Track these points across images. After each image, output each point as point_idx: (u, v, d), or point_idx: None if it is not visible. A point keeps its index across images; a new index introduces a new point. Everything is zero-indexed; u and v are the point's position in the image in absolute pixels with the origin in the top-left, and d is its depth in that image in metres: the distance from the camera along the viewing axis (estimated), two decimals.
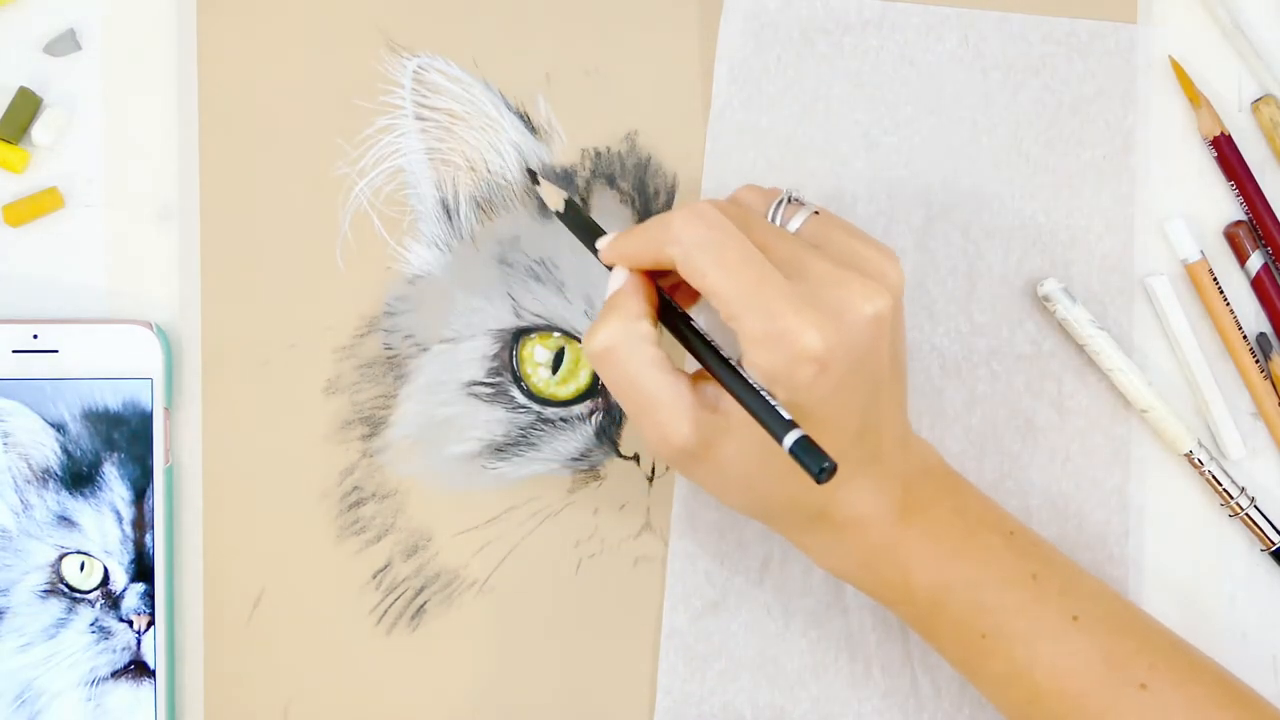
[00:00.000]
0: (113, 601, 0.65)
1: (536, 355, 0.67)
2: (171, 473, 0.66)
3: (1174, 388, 0.69)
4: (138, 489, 0.65)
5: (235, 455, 0.67)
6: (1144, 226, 0.69)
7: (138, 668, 0.66)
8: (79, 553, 0.65)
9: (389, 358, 0.67)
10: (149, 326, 0.66)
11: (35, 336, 0.65)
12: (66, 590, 0.65)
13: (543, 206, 0.67)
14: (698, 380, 0.59)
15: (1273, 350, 0.69)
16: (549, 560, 0.68)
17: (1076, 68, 0.69)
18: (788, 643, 0.68)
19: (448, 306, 0.67)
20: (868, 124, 0.68)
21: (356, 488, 0.67)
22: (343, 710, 0.67)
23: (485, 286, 0.67)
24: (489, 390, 0.67)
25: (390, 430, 0.67)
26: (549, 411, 0.67)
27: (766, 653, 0.68)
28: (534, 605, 0.68)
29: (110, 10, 0.67)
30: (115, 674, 0.66)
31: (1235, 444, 0.69)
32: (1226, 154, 0.69)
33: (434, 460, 0.67)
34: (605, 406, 0.68)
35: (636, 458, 0.68)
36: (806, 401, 0.56)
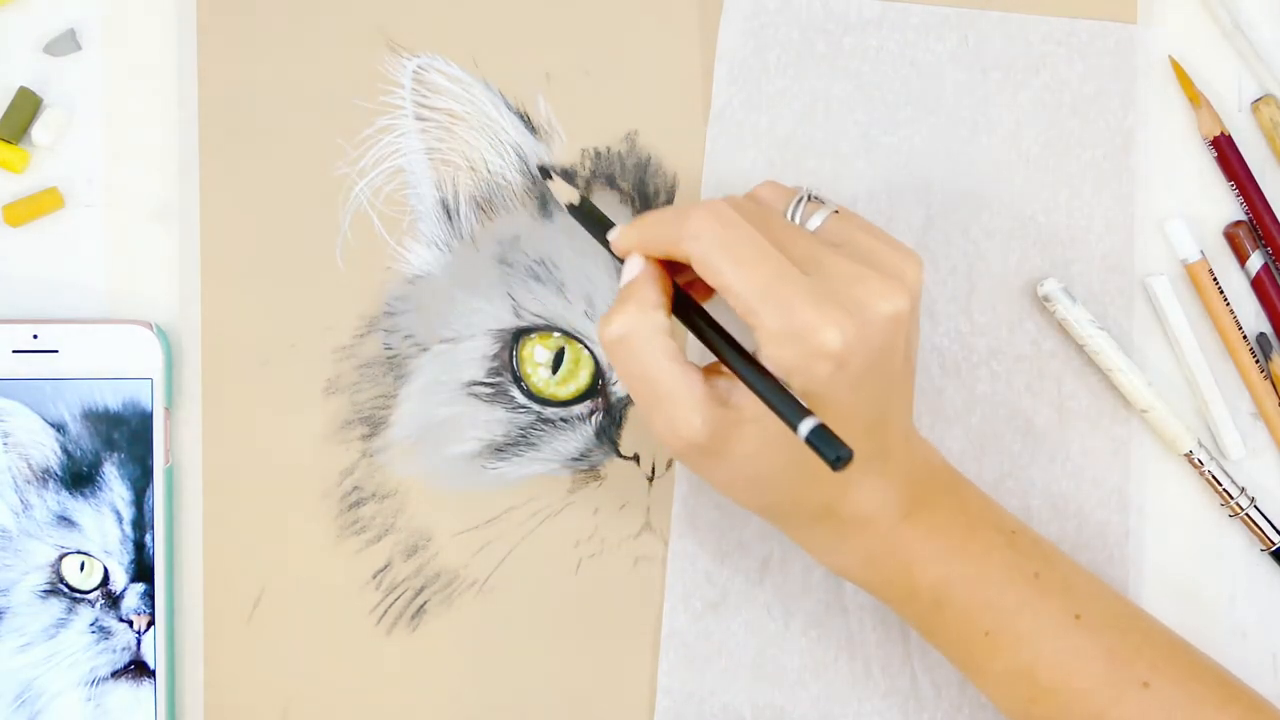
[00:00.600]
0: (113, 601, 0.65)
1: (536, 355, 0.67)
2: (171, 473, 0.66)
3: (1174, 388, 0.69)
4: (138, 489, 0.65)
5: (235, 455, 0.67)
6: (1144, 226, 0.69)
7: (138, 668, 0.66)
8: (79, 553, 0.65)
9: (389, 358, 0.67)
10: (149, 326, 0.65)
11: (35, 336, 0.65)
12: (66, 590, 0.65)
13: (543, 206, 0.67)
14: (709, 374, 0.59)
15: (1273, 350, 0.69)
16: (549, 560, 0.68)
17: (1076, 68, 0.69)
18: (788, 643, 0.68)
19: (448, 306, 0.67)
20: (868, 124, 0.68)
21: (356, 488, 0.67)
22: (343, 710, 0.67)
23: (485, 286, 0.67)
24: (489, 390, 0.67)
25: (390, 430, 0.67)
26: (549, 411, 0.67)
27: (766, 653, 0.68)
28: (534, 605, 0.68)
29: (110, 10, 0.67)
30: (115, 674, 0.65)
31: (1235, 444, 0.69)
32: (1226, 154, 0.69)
33: (434, 460, 0.67)
34: (605, 406, 0.68)
35: (636, 458, 0.68)
36: (821, 398, 0.56)
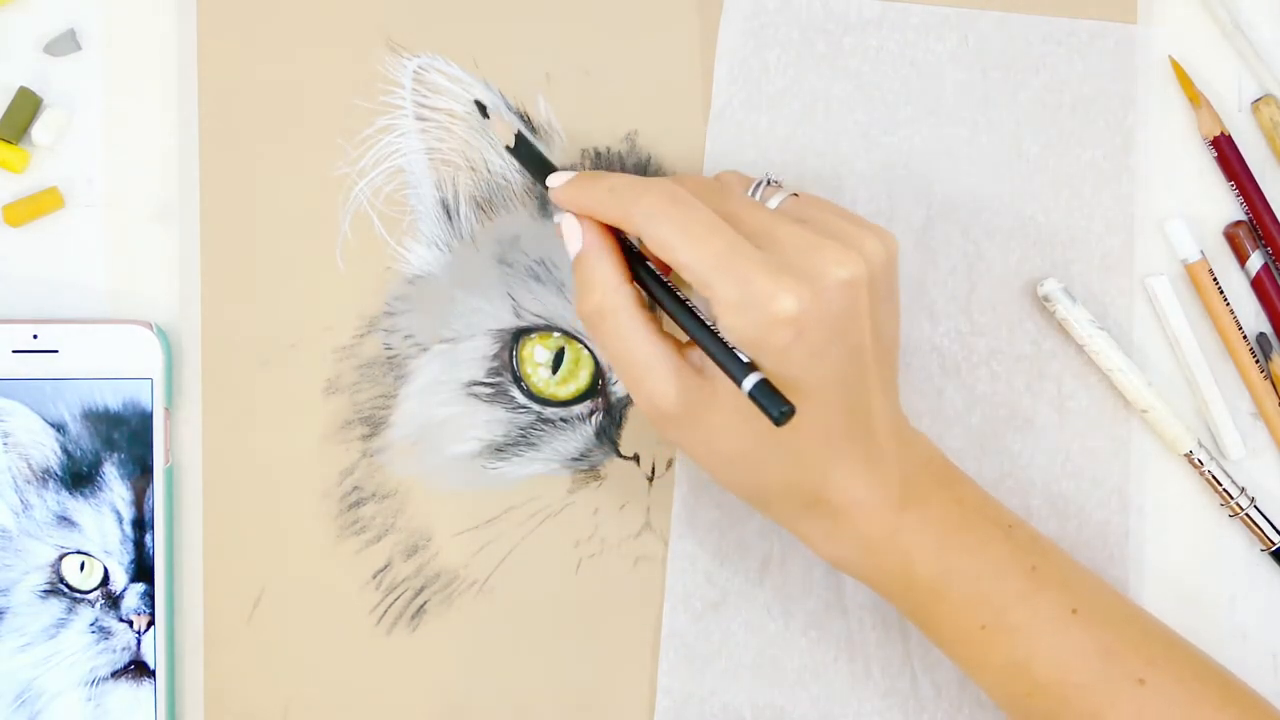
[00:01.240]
0: (113, 601, 0.65)
1: (536, 355, 0.67)
2: (171, 473, 0.66)
3: (1174, 388, 0.69)
4: (138, 489, 0.65)
5: (235, 455, 0.67)
6: (1144, 226, 0.69)
7: (138, 668, 0.66)
8: (79, 553, 0.65)
9: (389, 358, 0.67)
10: (149, 326, 0.65)
11: (35, 336, 0.65)
12: (66, 590, 0.65)
13: (543, 206, 0.67)
14: (687, 347, 0.60)
15: (1273, 350, 0.69)
16: (549, 560, 0.68)
17: (1076, 68, 0.69)
18: (788, 643, 0.68)
19: (448, 306, 0.67)
20: (868, 124, 0.68)
21: (356, 488, 0.67)
22: (343, 710, 0.67)
23: (485, 286, 0.67)
24: (489, 390, 0.67)
25: (390, 430, 0.67)
26: (549, 411, 0.67)
27: (766, 653, 0.68)
28: (534, 605, 0.68)
29: (110, 10, 0.67)
30: (115, 674, 0.65)
31: (1235, 444, 0.69)
32: (1226, 154, 0.69)
33: (434, 460, 0.67)
34: (605, 406, 0.68)
35: (636, 458, 0.68)
36: (785, 369, 0.57)
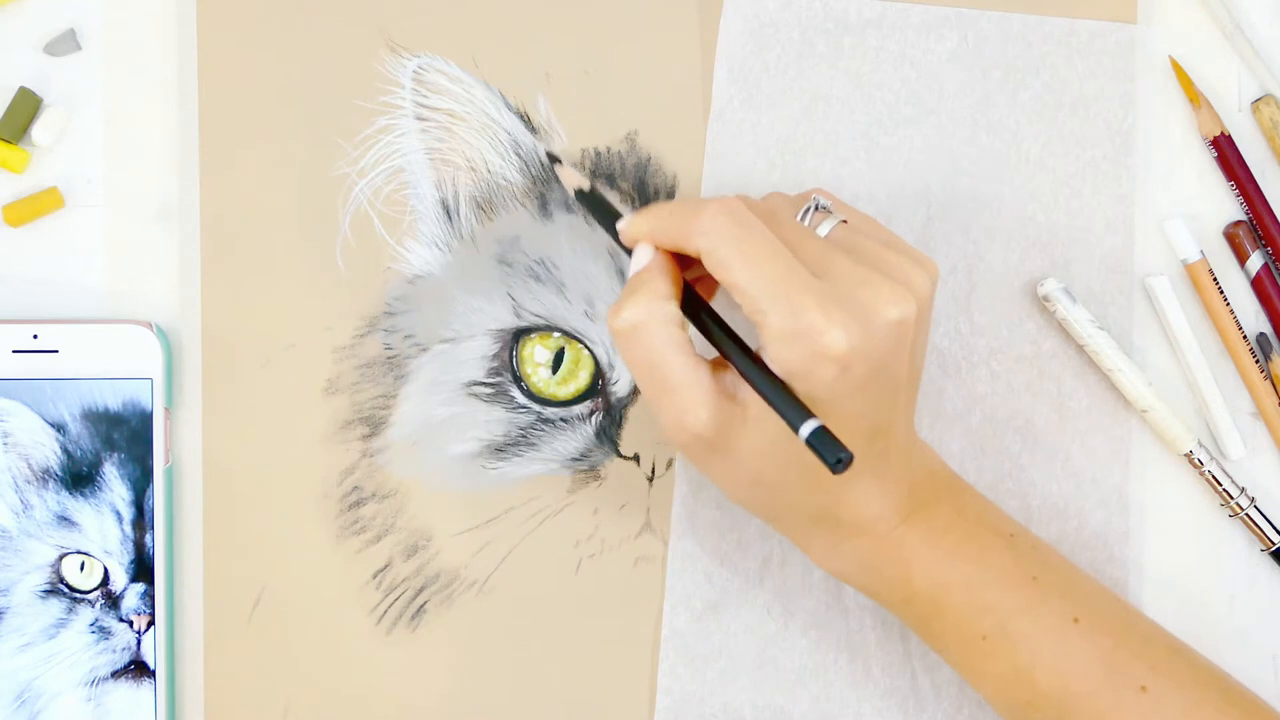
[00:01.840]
0: (113, 601, 0.65)
1: (536, 355, 0.67)
2: (171, 473, 0.66)
3: (1174, 388, 0.69)
4: (138, 489, 0.65)
5: (235, 455, 0.67)
6: (1144, 226, 0.69)
7: (138, 668, 0.66)
8: (79, 553, 0.65)
9: (389, 358, 0.67)
10: (149, 326, 0.65)
11: (35, 336, 0.65)
12: (66, 590, 0.65)
13: (543, 206, 0.67)
14: (717, 368, 0.59)
15: (1273, 350, 0.69)
16: (549, 560, 0.68)
17: (1076, 68, 0.69)
18: (788, 643, 0.68)
19: (448, 306, 0.67)
20: (868, 124, 0.68)
21: (356, 488, 0.67)
22: (343, 710, 0.67)
23: (485, 286, 0.67)
24: (489, 390, 0.67)
25: (390, 430, 0.67)
26: (549, 411, 0.67)
27: (766, 653, 0.68)
28: (534, 605, 0.68)
29: (110, 10, 0.67)
30: (115, 674, 0.65)
31: (1235, 444, 0.69)
32: (1226, 154, 0.69)
33: (434, 460, 0.67)
34: (605, 407, 0.68)
35: (636, 458, 0.68)
36: (824, 400, 0.56)
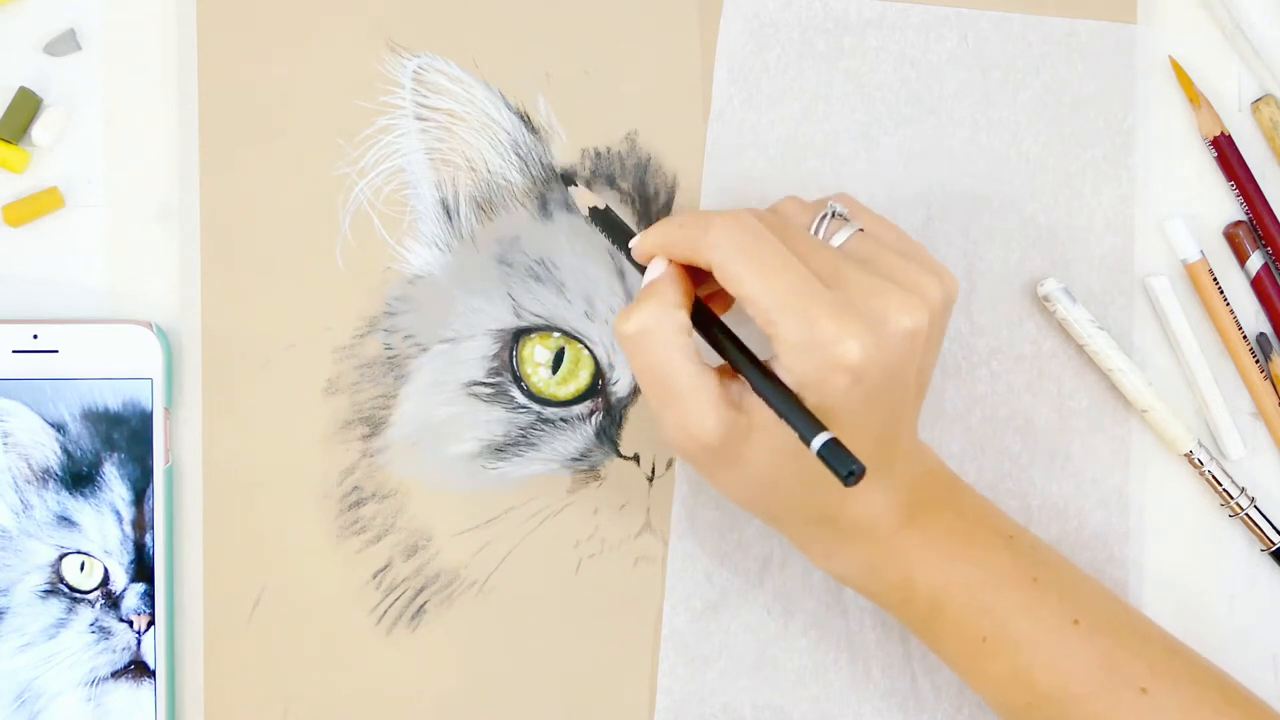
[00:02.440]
0: (113, 601, 0.65)
1: (536, 355, 0.67)
2: (171, 473, 0.66)
3: (1174, 388, 0.69)
4: (138, 489, 0.65)
5: (235, 455, 0.67)
6: (1144, 226, 0.69)
7: (138, 668, 0.66)
8: (79, 553, 0.65)
9: (389, 358, 0.67)
10: (149, 326, 0.65)
11: (35, 336, 0.65)
12: (66, 590, 0.65)
13: (543, 206, 0.67)
14: (723, 377, 0.59)
15: (1273, 350, 0.69)
16: (549, 560, 0.68)
17: (1076, 68, 0.69)
18: (788, 643, 0.68)
19: (448, 306, 0.67)
20: (868, 124, 0.68)
21: (356, 488, 0.67)
22: (343, 710, 0.67)
23: (485, 286, 0.67)
24: (489, 390, 0.67)
25: (390, 430, 0.67)
26: (549, 411, 0.67)
27: (766, 653, 0.68)
28: (534, 605, 0.68)
29: (110, 10, 0.67)
30: (115, 674, 0.65)
31: (1235, 444, 0.69)
32: (1226, 154, 0.69)
33: (434, 460, 0.67)
34: (605, 407, 0.68)
35: (636, 458, 0.68)
36: (835, 410, 0.56)
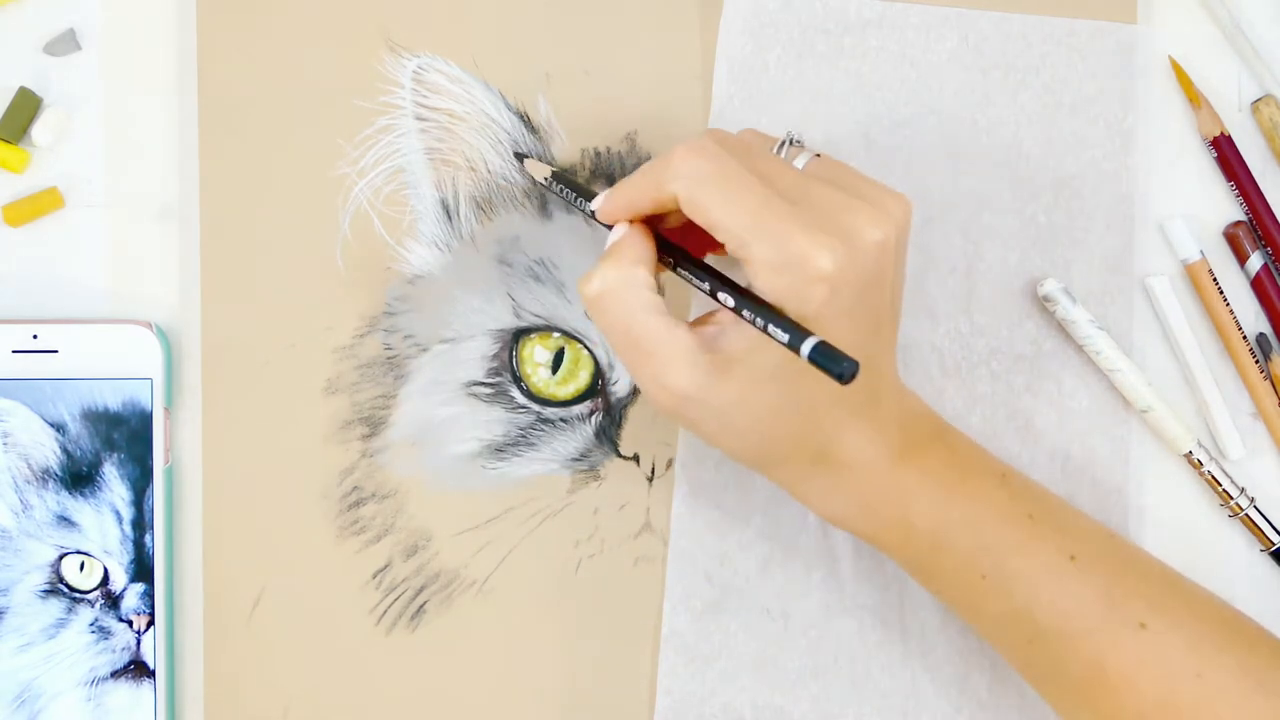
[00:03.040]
0: (113, 601, 0.65)
1: (536, 355, 0.67)
2: (171, 473, 0.66)
3: (1174, 388, 0.69)
4: (138, 489, 0.65)
5: (235, 455, 0.67)
6: (1144, 226, 0.69)
7: (138, 668, 0.66)
8: (79, 553, 0.65)
9: (389, 358, 0.67)
10: (149, 326, 0.65)
11: (35, 336, 0.65)
12: (66, 590, 0.65)
13: (543, 206, 0.67)
14: (694, 326, 0.59)
15: (1273, 350, 0.69)
16: (549, 560, 0.68)
17: (1076, 68, 0.69)
18: (788, 643, 0.68)
19: (448, 306, 0.67)
20: (868, 124, 0.68)
21: (356, 488, 0.67)
22: (343, 710, 0.67)
23: (485, 286, 0.67)
24: (489, 390, 0.67)
25: (390, 430, 0.67)
26: (549, 412, 0.67)
27: (766, 653, 0.68)
28: (534, 605, 0.68)
29: (110, 10, 0.67)
30: (115, 674, 0.65)
31: (1235, 444, 0.69)
32: (1226, 154, 0.69)
33: (434, 460, 0.67)
34: (605, 407, 0.68)
35: (636, 458, 0.68)
36: (816, 321, 0.56)
